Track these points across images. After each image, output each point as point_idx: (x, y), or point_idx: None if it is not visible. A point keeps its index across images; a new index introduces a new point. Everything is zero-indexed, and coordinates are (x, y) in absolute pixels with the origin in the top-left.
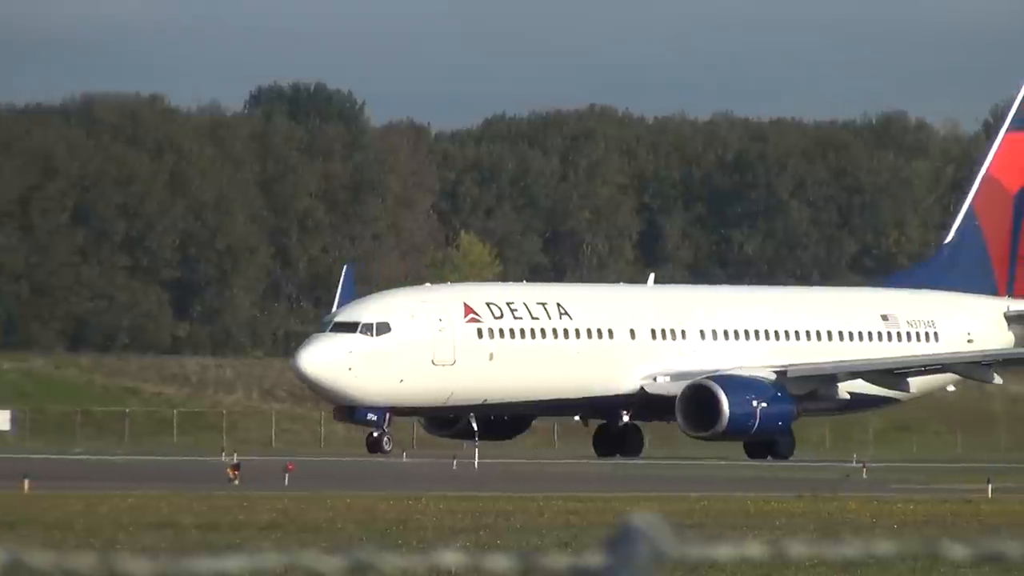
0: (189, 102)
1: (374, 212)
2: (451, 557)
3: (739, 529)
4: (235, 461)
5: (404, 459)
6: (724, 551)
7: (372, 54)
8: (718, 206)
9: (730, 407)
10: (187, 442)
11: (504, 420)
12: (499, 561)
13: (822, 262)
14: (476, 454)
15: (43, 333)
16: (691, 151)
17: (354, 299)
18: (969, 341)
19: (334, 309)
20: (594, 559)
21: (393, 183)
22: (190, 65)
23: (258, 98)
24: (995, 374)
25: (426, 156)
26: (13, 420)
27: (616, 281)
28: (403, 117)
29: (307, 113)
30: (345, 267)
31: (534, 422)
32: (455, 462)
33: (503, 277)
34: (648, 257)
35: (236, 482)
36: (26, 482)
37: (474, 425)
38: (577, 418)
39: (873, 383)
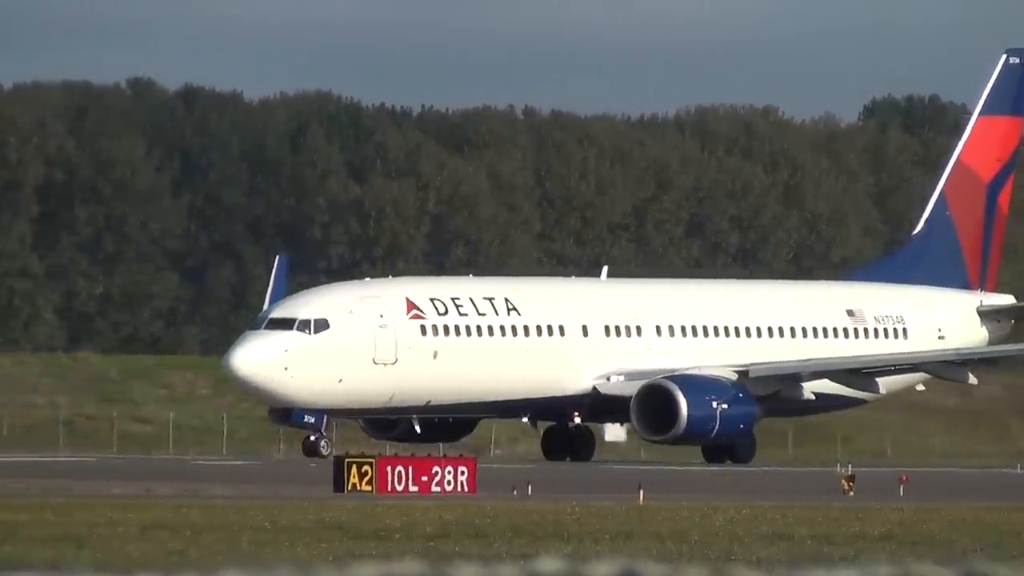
0: (803, 114)
1: None
2: None
3: None
4: (850, 472)
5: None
6: None
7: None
8: None
9: (688, 409)
10: (802, 454)
11: (448, 422)
12: None
13: None
14: None
15: None
16: None
17: (287, 294)
18: (940, 338)
19: (266, 304)
20: None
21: None
22: (805, 76)
23: (872, 110)
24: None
25: None
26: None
27: None
28: None
29: (922, 125)
30: (278, 259)
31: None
32: None
33: None
34: None
35: (851, 493)
36: (641, 492)
37: (416, 427)
38: (525, 420)
39: (840, 383)
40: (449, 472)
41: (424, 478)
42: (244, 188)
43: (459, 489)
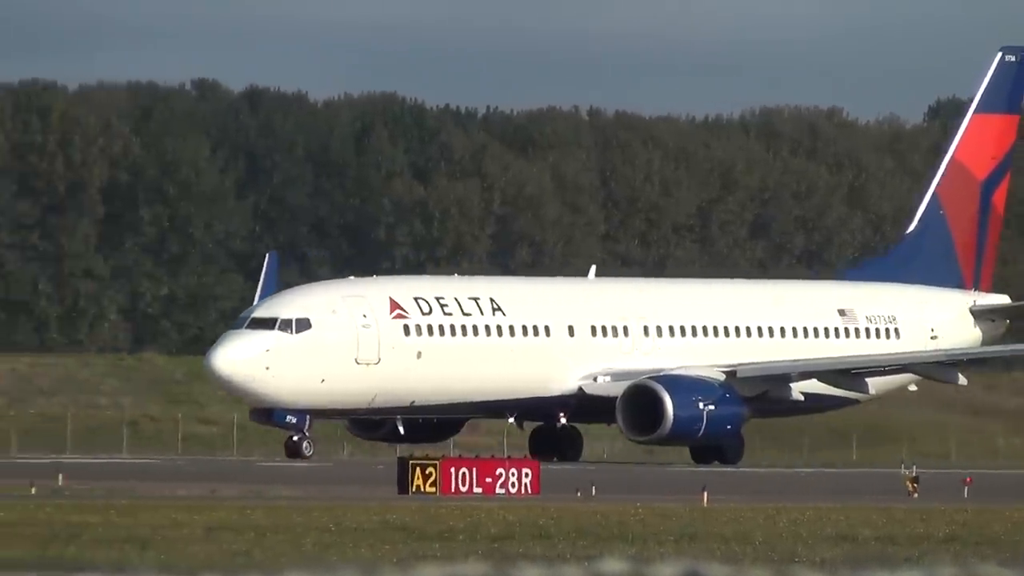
0: (867, 115)
1: None
2: None
3: None
4: (914, 473)
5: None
6: None
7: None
8: None
9: (674, 409)
10: (866, 455)
11: (433, 422)
12: None
13: None
14: None
15: None
16: None
17: (277, 291)
18: (933, 338)
19: (256, 302)
20: None
21: None
22: (870, 78)
23: (937, 111)
24: (960, 374)
25: None
26: None
27: None
28: None
29: None
30: (268, 256)
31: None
32: None
33: None
34: None
35: (915, 495)
36: (705, 494)
37: (400, 428)
38: (512, 420)
39: (828, 383)
40: (513, 474)
41: (488, 479)
42: (309, 189)
43: (523, 491)
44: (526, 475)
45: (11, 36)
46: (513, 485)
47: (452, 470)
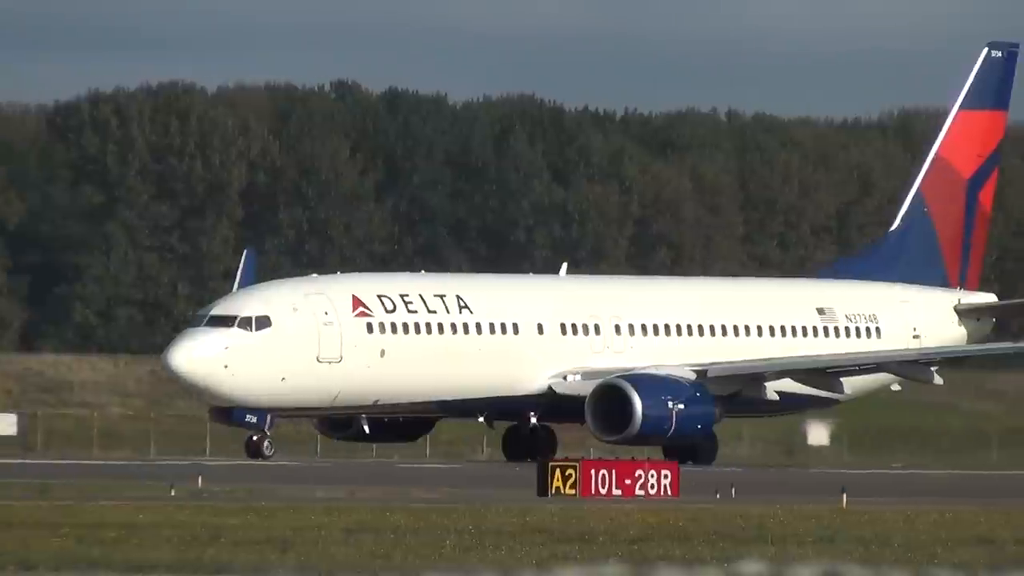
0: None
1: None
2: None
3: None
4: None
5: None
6: None
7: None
8: None
9: (643, 409)
10: (1007, 457)
11: (401, 421)
12: None
13: None
14: None
15: None
16: None
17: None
18: (915, 337)
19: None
20: None
21: None
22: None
23: None
24: (935, 373)
25: None
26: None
27: None
28: None
29: None
30: (245, 252)
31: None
32: None
33: None
34: None
35: None
36: (844, 496)
37: (365, 427)
38: (481, 419)
39: (802, 383)
40: (652, 475)
41: (627, 481)
42: (447, 191)
43: (662, 492)
44: (665, 477)
45: (150, 38)
46: (652, 487)
47: (592, 472)
